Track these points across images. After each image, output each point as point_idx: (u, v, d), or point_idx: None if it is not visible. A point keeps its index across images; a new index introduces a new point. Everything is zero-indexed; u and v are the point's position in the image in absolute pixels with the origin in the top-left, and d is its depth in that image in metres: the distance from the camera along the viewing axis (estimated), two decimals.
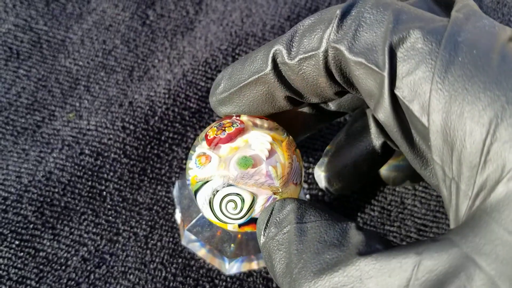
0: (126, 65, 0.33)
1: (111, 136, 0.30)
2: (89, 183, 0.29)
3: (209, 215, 0.20)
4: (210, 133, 0.20)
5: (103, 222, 0.28)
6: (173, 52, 0.33)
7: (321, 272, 0.15)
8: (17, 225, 0.28)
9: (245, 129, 0.20)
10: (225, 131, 0.20)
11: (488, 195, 0.14)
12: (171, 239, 0.28)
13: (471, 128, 0.14)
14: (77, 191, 0.29)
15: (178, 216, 0.28)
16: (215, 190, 0.19)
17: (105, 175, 0.29)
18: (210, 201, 0.19)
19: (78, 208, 0.28)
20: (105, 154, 0.29)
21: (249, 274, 0.27)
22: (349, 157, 0.24)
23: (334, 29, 0.17)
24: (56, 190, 0.29)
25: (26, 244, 0.27)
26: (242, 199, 0.19)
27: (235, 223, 0.20)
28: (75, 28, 0.34)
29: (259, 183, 0.19)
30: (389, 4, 0.16)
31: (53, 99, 0.32)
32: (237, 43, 0.33)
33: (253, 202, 0.19)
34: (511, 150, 0.13)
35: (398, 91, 0.16)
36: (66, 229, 0.28)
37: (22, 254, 0.27)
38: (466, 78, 0.14)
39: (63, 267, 0.27)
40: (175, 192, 0.28)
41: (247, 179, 0.19)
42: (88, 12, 0.35)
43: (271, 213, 0.18)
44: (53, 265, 0.27)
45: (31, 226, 0.28)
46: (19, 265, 0.27)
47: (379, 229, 0.28)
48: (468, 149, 0.14)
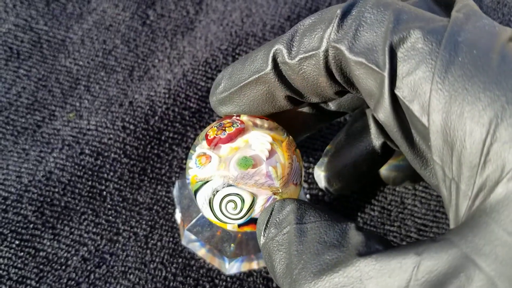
0: (126, 65, 0.33)
1: (111, 136, 0.30)
2: (89, 183, 0.29)
3: (209, 215, 0.20)
4: (210, 133, 0.20)
5: (103, 222, 0.28)
6: (173, 52, 0.33)
7: (321, 273, 0.15)
8: (17, 225, 0.28)
9: (245, 129, 0.20)
10: (225, 131, 0.20)
11: (488, 195, 0.14)
12: (171, 239, 0.28)
13: (471, 128, 0.14)
14: (77, 191, 0.29)
15: (178, 216, 0.28)
16: (215, 190, 0.19)
17: (105, 175, 0.29)
18: (210, 201, 0.19)
19: (78, 208, 0.28)
20: (105, 154, 0.29)
21: (249, 274, 0.27)
22: (349, 157, 0.24)
23: (334, 28, 0.17)
24: (56, 190, 0.29)
25: (26, 244, 0.27)
26: (242, 200, 0.19)
27: (234, 223, 0.20)
28: (75, 28, 0.34)
29: (259, 183, 0.19)
30: (390, 4, 0.16)
31: (53, 99, 0.32)
32: (237, 43, 0.33)
33: (253, 203, 0.19)
34: (511, 151, 0.13)
35: (398, 91, 0.16)
36: (66, 229, 0.28)
37: (22, 254, 0.27)
38: (466, 78, 0.14)
39: (63, 267, 0.27)
40: (175, 192, 0.28)
41: (247, 180, 0.19)
42: (88, 12, 0.35)
43: (271, 213, 0.18)
44: (53, 265, 0.27)
45: (31, 226, 0.28)
46: (19, 265, 0.27)
47: (379, 229, 0.28)
48: (468, 149, 0.14)
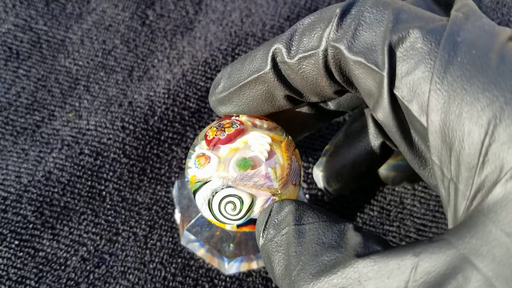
0: (125, 65, 0.33)
1: (110, 136, 0.30)
2: (89, 183, 0.29)
3: (208, 216, 0.20)
4: (209, 134, 0.20)
5: (103, 222, 0.28)
6: (172, 52, 0.33)
7: (319, 274, 0.15)
8: (16, 225, 0.28)
9: (244, 130, 0.20)
10: (224, 131, 0.20)
11: (486, 196, 0.14)
12: (170, 239, 0.28)
13: (469, 129, 0.14)
14: (76, 191, 0.29)
15: (177, 216, 0.28)
16: (214, 191, 0.19)
17: (104, 175, 0.29)
18: (209, 202, 0.19)
19: (77, 208, 0.28)
20: (105, 154, 0.29)
21: (249, 274, 0.27)
22: (347, 157, 0.24)
23: (333, 28, 0.17)
24: (56, 190, 0.29)
25: (25, 244, 0.27)
26: (241, 201, 0.19)
27: (233, 223, 0.20)
28: (74, 28, 0.34)
29: (258, 185, 0.19)
30: (389, 3, 0.16)
31: (53, 99, 0.32)
32: (237, 43, 0.33)
33: (252, 204, 0.19)
34: (509, 151, 0.13)
35: (397, 91, 0.16)
36: (66, 229, 0.28)
37: (21, 254, 0.27)
38: (465, 79, 0.14)
39: (63, 267, 0.27)
40: (174, 192, 0.28)
41: (246, 181, 0.19)
42: (88, 12, 0.35)
43: (269, 214, 0.18)
44: (53, 265, 0.27)
45: (30, 226, 0.28)
46: (18, 265, 0.27)
47: (378, 229, 0.28)
48: (466, 150, 0.14)
